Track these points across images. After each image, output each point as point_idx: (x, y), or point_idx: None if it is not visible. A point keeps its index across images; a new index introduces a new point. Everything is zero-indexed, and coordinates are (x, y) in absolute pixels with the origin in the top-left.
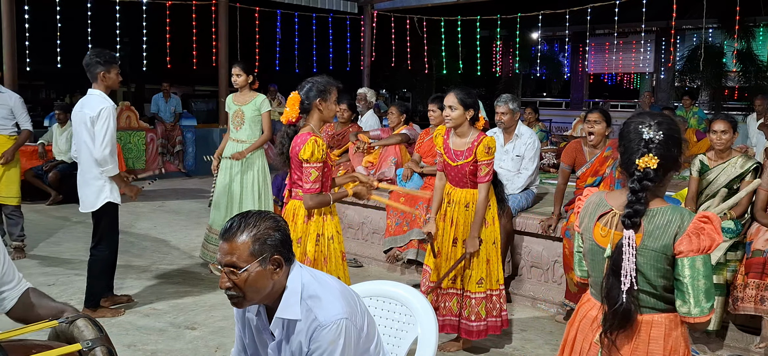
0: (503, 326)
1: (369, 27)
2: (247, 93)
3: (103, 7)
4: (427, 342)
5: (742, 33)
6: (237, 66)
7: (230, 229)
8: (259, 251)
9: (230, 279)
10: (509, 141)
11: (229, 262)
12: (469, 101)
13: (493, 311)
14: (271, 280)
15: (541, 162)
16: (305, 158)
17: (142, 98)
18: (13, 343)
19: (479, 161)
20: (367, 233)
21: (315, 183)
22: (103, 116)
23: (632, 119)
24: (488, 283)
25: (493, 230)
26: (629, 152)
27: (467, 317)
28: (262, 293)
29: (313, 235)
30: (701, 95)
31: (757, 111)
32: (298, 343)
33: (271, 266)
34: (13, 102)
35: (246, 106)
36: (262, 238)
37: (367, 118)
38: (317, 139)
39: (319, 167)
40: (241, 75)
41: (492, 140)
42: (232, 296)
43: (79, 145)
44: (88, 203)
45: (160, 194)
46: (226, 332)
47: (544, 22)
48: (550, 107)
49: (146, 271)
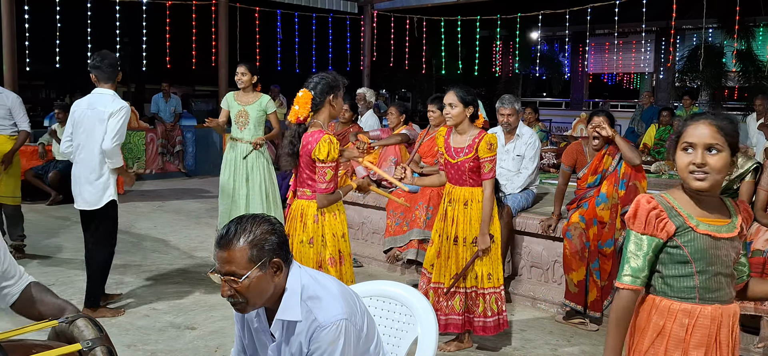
0: (503, 326)
1: (369, 27)
2: (250, 93)
3: (103, 7)
4: (427, 342)
5: (742, 33)
6: (243, 65)
7: (226, 236)
8: (257, 256)
9: (231, 287)
10: (510, 141)
11: (228, 271)
12: (469, 98)
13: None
14: (272, 283)
15: (541, 162)
16: (321, 158)
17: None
18: (13, 343)
19: (482, 158)
20: (367, 233)
21: (330, 183)
22: (121, 112)
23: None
24: (495, 279)
25: (495, 229)
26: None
27: (482, 314)
28: (264, 296)
29: (330, 234)
30: (701, 95)
31: (757, 111)
32: (298, 344)
33: (271, 269)
34: (11, 102)
35: (250, 106)
36: (259, 243)
37: (367, 118)
38: (331, 137)
39: (333, 167)
40: (247, 74)
41: (494, 137)
42: (235, 302)
43: (83, 142)
44: (92, 201)
45: (160, 194)
46: (226, 332)
47: (544, 22)
48: (550, 107)
49: (146, 271)
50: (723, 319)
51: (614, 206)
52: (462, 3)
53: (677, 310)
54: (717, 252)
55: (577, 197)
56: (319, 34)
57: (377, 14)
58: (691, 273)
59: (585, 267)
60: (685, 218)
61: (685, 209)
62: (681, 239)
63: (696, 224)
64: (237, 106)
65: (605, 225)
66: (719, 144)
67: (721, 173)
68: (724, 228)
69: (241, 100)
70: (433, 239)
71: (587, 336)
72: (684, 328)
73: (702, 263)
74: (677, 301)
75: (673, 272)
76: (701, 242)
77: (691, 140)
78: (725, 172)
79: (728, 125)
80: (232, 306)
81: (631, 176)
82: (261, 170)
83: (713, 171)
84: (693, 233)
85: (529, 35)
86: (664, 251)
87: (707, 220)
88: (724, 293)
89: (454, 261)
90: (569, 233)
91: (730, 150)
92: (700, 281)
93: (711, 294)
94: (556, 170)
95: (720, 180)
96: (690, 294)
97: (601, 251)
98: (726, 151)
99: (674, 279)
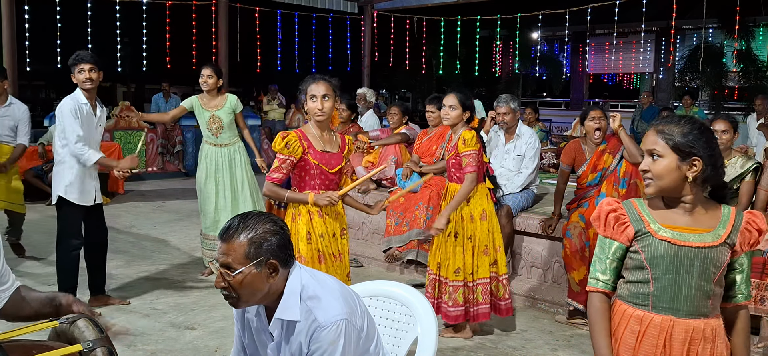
0: (507, 312)
1: (369, 27)
2: (215, 97)
3: (103, 7)
4: (427, 343)
5: (742, 33)
6: (208, 68)
7: (229, 229)
8: (254, 254)
9: (225, 280)
10: (510, 141)
11: (224, 262)
12: (468, 103)
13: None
14: (266, 283)
15: (541, 162)
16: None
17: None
18: (13, 343)
19: (460, 153)
20: (367, 233)
21: (273, 172)
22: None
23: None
24: (500, 266)
25: (490, 224)
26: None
27: (502, 296)
28: (257, 295)
29: (304, 232)
30: (701, 95)
31: (757, 111)
32: (297, 344)
33: (267, 270)
34: (20, 115)
35: (220, 111)
36: (258, 242)
37: (367, 118)
38: (290, 133)
39: (281, 159)
40: (213, 77)
41: (468, 133)
42: (227, 296)
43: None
44: (101, 193)
45: (160, 194)
46: (226, 332)
47: (544, 22)
48: (550, 107)
49: (146, 271)
50: (674, 332)
51: None
52: (462, 3)
53: (631, 316)
54: (678, 260)
55: (577, 196)
56: (319, 34)
57: (377, 14)
58: (647, 279)
59: (586, 267)
60: (647, 222)
61: (652, 214)
62: (639, 243)
63: (656, 229)
64: (206, 113)
65: None
66: (659, 149)
67: (662, 179)
68: (695, 237)
69: (209, 106)
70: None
71: (587, 336)
72: (634, 335)
73: (658, 269)
74: (632, 307)
75: (631, 277)
76: (658, 248)
77: (642, 146)
78: (670, 177)
79: (675, 129)
80: (224, 298)
81: (632, 174)
82: (241, 164)
83: (655, 177)
84: (651, 238)
85: (529, 35)
86: (627, 256)
87: (673, 226)
88: (685, 304)
89: (452, 256)
90: (569, 232)
91: (676, 155)
92: (655, 288)
93: (665, 303)
94: (556, 170)
95: (665, 185)
96: (644, 300)
97: None
98: (668, 156)
99: (632, 285)
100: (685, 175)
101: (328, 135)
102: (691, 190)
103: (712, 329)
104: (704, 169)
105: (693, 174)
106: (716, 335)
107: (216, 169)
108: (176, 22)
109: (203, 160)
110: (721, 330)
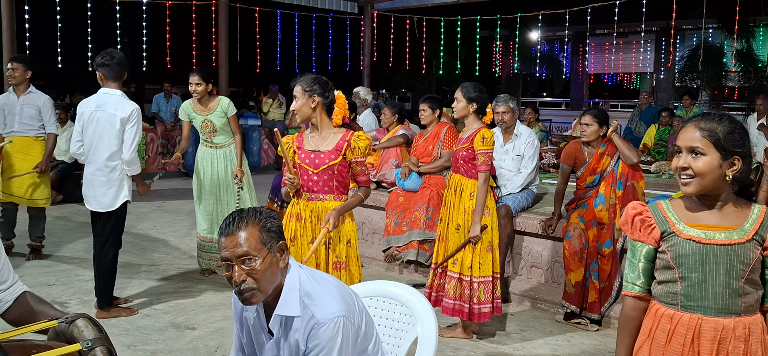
0: (497, 311)
1: (369, 27)
2: (207, 101)
3: (103, 7)
4: (427, 343)
5: (742, 33)
6: (196, 75)
7: (232, 224)
8: (266, 239)
9: (248, 269)
10: (509, 141)
11: (242, 253)
12: (473, 95)
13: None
14: (278, 270)
15: (541, 162)
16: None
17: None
18: (13, 343)
19: (475, 150)
20: (367, 233)
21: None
22: (134, 117)
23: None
24: (486, 268)
25: (492, 221)
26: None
27: (478, 301)
28: (274, 283)
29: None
30: (701, 95)
31: (757, 111)
32: (295, 341)
33: (278, 253)
34: (42, 103)
35: (212, 115)
36: (267, 226)
37: (365, 117)
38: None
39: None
40: (201, 84)
41: (488, 132)
42: (246, 289)
43: (95, 143)
44: (106, 203)
45: (160, 194)
46: (225, 332)
47: (544, 22)
48: (550, 107)
49: (146, 271)
50: (702, 330)
51: (612, 207)
52: (462, 3)
53: (662, 314)
54: (705, 258)
55: (576, 197)
56: (319, 34)
57: (377, 14)
58: (675, 278)
59: (584, 268)
60: (672, 222)
61: (677, 213)
62: (666, 243)
63: (682, 228)
64: (199, 117)
65: (604, 226)
66: (702, 147)
67: (705, 177)
68: (722, 234)
69: (201, 110)
70: (439, 226)
71: (587, 336)
72: (665, 334)
73: (684, 269)
74: (663, 306)
75: (661, 277)
76: (684, 247)
77: (679, 143)
78: (712, 175)
79: (717, 126)
80: (239, 296)
81: (628, 176)
82: (236, 162)
83: (697, 175)
84: (676, 237)
85: (529, 35)
86: (656, 256)
87: (699, 225)
88: (714, 302)
89: (452, 246)
90: (569, 233)
91: (718, 153)
92: (683, 287)
93: (694, 301)
94: (556, 170)
95: (707, 184)
96: (673, 299)
97: (600, 251)
98: (711, 154)
99: (663, 284)
100: (724, 173)
101: (324, 134)
102: (726, 188)
103: (745, 327)
104: (742, 168)
105: (733, 172)
106: (750, 334)
107: (212, 170)
108: (176, 22)
109: (200, 161)
110: (756, 329)
